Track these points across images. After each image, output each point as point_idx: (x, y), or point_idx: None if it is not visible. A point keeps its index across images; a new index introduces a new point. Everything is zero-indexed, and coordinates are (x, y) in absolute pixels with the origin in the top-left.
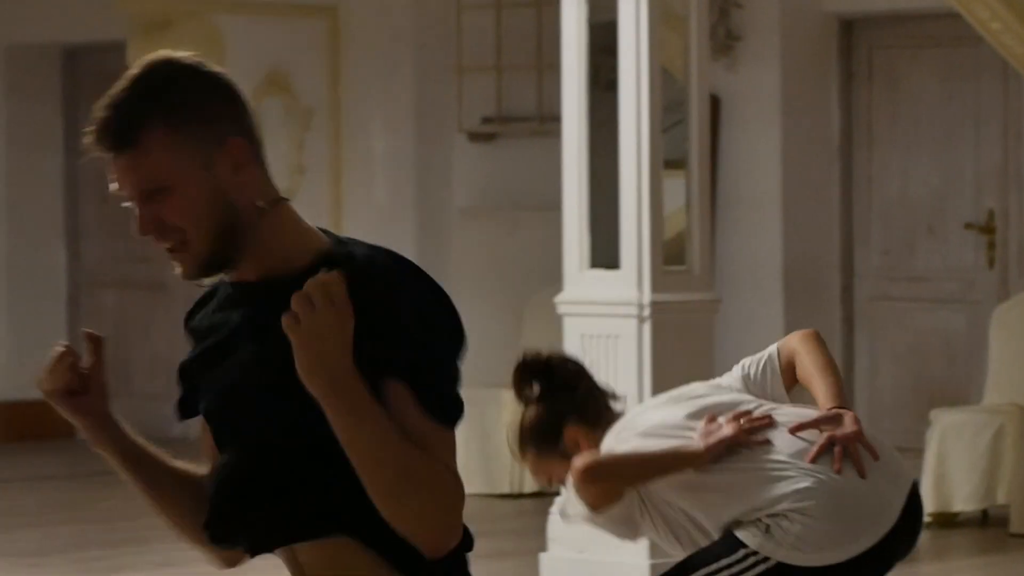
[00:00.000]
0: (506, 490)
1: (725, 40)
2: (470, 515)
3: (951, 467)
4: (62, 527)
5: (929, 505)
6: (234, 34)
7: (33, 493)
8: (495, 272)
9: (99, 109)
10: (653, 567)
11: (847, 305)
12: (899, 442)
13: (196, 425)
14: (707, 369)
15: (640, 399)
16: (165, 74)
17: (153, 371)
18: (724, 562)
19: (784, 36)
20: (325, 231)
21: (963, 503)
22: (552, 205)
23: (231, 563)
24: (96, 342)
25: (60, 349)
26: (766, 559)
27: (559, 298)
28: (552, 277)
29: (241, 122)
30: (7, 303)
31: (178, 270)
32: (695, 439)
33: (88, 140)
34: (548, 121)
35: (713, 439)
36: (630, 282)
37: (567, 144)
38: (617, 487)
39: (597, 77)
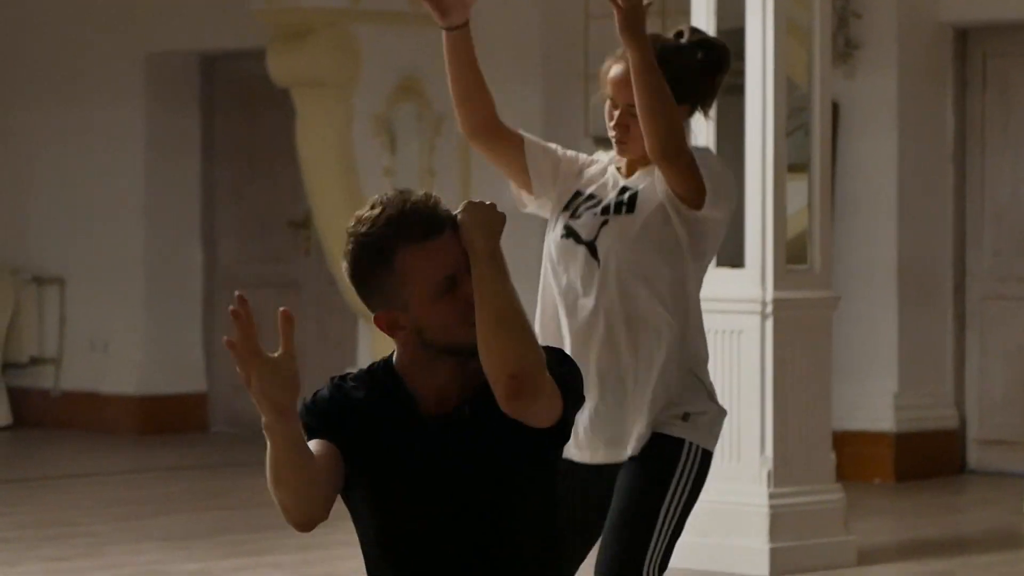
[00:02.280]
0: None
1: (844, 48)
2: None
3: None
4: (206, 513)
5: None
6: (370, 42)
7: (174, 482)
8: None
9: None
10: (772, 551)
11: (959, 304)
12: (1008, 436)
13: None
14: (826, 363)
15: (762, 391)
16: None
17: None
18: (677, 476)
19: (901, 45)
20: None
21: None
22: None
23: (309, 527)
24: (287, 322)
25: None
26: (699, 450)
27: None
28: None
29: None
30: (145, 302)
31: None
32: None
33: None
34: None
35: None
36: (754, 280)
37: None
38: None
39: None
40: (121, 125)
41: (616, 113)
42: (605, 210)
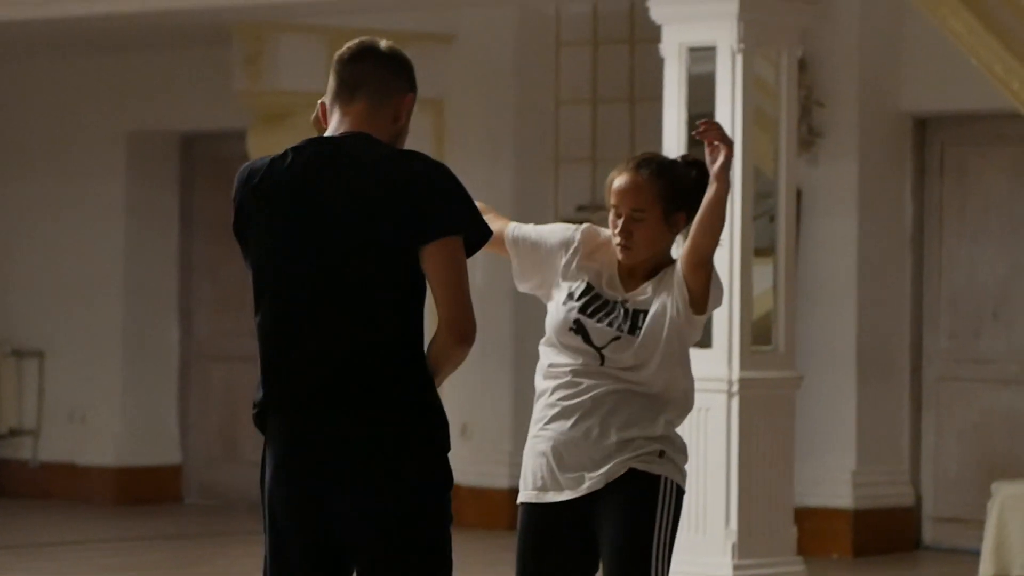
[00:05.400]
0: None
1: (807, 136)
2: None
3: (1010, 535)
4: None
5: (989, 569)
6: None
7: (152, 551)
8: None
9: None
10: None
11: (916, 385)
12: (962, 514)
13: None
14: (789, 440)
15: (728, 466)
16: None
17: (259, 441)
18: (660, 512)
19: (862, 133)
20: None
21: (1020, 568)
22: None
23: None
24: None
25: None
26: (675, 485)
27: None
28: None
29: None
30: (122, 374)
31: None
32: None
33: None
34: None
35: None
36: (721, 360)
37: None
38: None
39: None
40: (102, 200)
41: (620, 221)
42: (619, 328)
